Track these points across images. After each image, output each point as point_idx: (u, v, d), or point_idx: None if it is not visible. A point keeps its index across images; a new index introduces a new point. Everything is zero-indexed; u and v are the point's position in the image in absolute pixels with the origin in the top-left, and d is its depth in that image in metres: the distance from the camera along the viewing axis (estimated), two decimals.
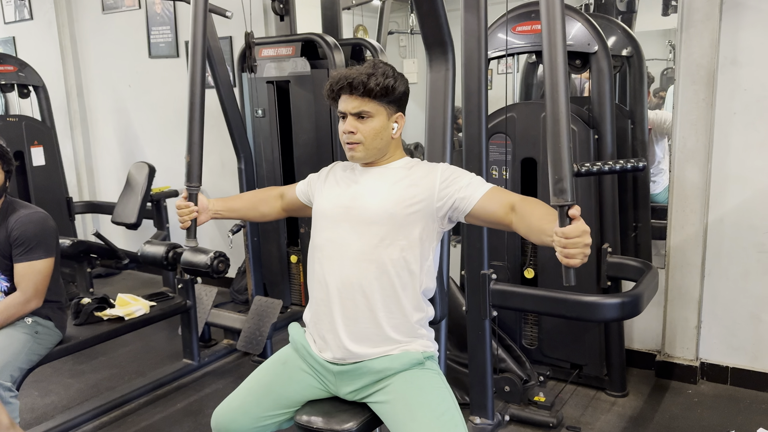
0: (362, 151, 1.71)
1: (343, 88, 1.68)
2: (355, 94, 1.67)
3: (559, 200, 1.35)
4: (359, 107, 1.67)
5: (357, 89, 1.65)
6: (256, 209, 2.01)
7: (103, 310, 2.94)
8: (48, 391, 3.22)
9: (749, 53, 2.81)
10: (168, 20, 4.59)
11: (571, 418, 2.81)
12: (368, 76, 1.65)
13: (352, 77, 1.65)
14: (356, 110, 1.68)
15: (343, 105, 1.70)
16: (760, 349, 3.00)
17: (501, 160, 3.01)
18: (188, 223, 1.86)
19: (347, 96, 1.69)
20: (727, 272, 3.01)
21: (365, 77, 1.65)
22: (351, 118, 1.69)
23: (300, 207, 1.97)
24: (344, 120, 1.71)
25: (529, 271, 3.05)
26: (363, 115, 1.68)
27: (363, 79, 1.64)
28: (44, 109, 4.60)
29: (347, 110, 1.69)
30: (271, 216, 2.03)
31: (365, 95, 1.66)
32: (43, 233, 2.42)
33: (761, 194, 2.87)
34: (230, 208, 1.99)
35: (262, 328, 3.32)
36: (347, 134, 1.70)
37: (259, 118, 3.70)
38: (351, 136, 1.69)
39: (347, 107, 1.69)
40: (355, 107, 1.68)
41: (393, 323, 1.69)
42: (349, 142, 1.71)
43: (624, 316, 2.45)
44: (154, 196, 4.36)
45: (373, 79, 1.65)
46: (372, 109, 1.68)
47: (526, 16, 2.91)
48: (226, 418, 1.76)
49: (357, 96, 1.67)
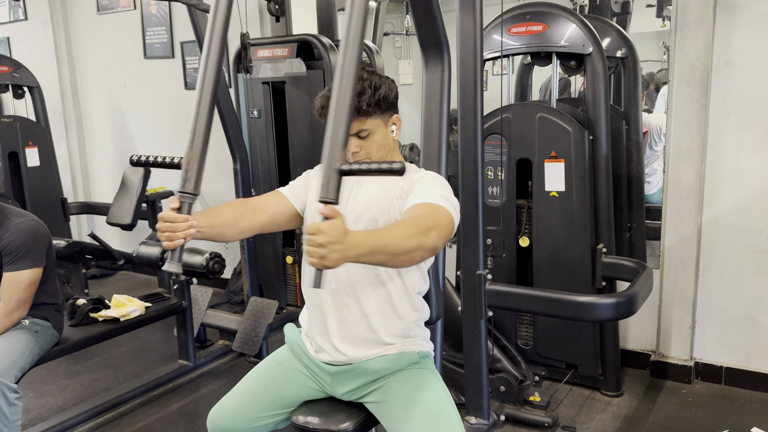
0: None
1: None
2: None
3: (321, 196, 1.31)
4: (358, 128, 1.64)
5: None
6: (236, 225, 1.68)
7: (99, 311, 2.94)
8: (43, 392, 3.21)
9: (743, 55, 2.83)
10: (163, 21, 4.59)
11: (566, 418, 2.82)
12: (358, 97, 1.57)
13: None
14: (356, 131, 1.65)
15: None
16: (754, 349, 3.01)
17: (496, 161, 3.02)
18: (180, 241, 1.44)
19: None
20: (721, 272, 3.03)
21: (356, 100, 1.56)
22: (352, 138, 1.66)
23: (285, 219, 1.77)
24: None
25: (524, 239, 3.05)
26: (362, 134, 1.66)
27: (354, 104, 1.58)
28: (39, 109, 4.60)
29: None
30: (248, 233, 1.73)
31: (361, 116, 1.63)
32: (33, 242, 2.41)
33: (755, 195, 2.89)
34: (212, 224, 1.60)
35: (257, 329, 3.32)
36: (352, 154, 1.67)
37: (255, 118, 3.70)
38: (356, 155, 1.67)
39: None
40: (354, 129, 1.64)
41: (388, 327, 1.69)
42: (356, 160, 1.68)
43: (619, 316, 2.46)
44: (149, 197, 4.36)
45: (364, 99, 1.60)
46: (370, 126, 1.66)
47: (521, 18, 2.92)
48: (222, 418, 1.76)
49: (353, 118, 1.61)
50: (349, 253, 1.28)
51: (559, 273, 2.96)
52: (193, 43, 4.39)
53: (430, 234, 1.43)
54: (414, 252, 1.40)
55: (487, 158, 3.01)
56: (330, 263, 1.26)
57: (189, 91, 4.58)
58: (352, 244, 1.28)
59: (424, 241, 1.41)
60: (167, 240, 1.43)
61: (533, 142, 2.92)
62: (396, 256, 1.38)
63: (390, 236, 1.37)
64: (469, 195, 2.40)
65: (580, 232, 2.87)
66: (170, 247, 1.44)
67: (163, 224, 1.43)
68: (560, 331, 3.04)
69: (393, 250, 1.36)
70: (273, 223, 1.76)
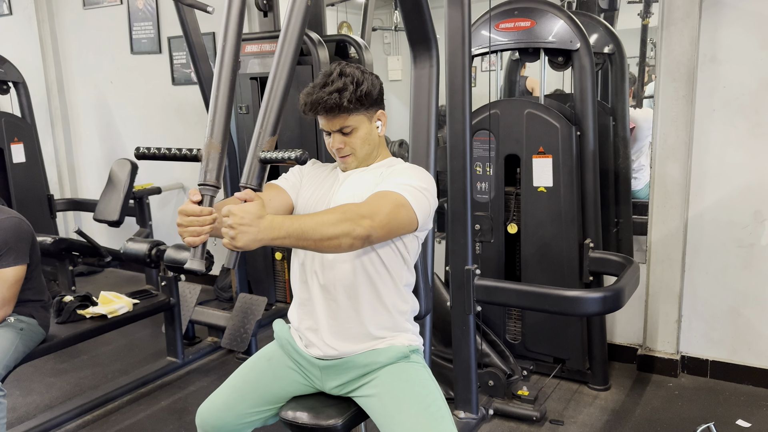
0: (354, 160, 1.71)
1: (318, 112, 1.64)
2: (332, 114, 1.63)
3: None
4: (341, 124, 1.65)
5: (333, 111, 1.62)
6: None
7: (86, 308, 2.92)
8: (30, 390, 3.18)
9: (728, 51, 2.85)
10: (150, 16, 4.56)
11: (554, 412, 2.84)
12: (339, 93, 1.59)
13: (324, 100, 1.59)
14: (338, 128, 1.65)
15: (324, 124, 1.67)
16: (739, 343, 3.05)
17: (485, 157, 3.03)
18: (205, 236, 1.35)
19: (324, 117, 1.65)
20: (706, 267, 3.06)
21: (337, 97, 1.59)
22: (336, 134, 1.67)
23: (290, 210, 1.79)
24: (329, 135, 1.69)
25: (512, 226, 3.07)
26: (345, 131, 1.66)
27: (336, 101, 1.58)
28: (24, 105, 4.55)
29: (330, 129, 1.67)
30: None
31: (343, 112, 1.63)
32: (15, 239, 2.39)
33: (740, 190, 2.92)
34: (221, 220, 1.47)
35: (246, 326, 3.31)
36: (336, 150, 1.69)
37: (243, 114, 3.68)
38: (340, 151, 1.69)
39: (329, 127, 1.66)
40: (336, 125, 1.65)
41: (377, 320, 1.70)
42: (341, 156, 1.70)
43: (606, 310, 2.48)
44: (136, 193, 4.33)
45: (345, 95, 1.59)
46: (354, 122, 1.66)
47: (509, 14, 2.93)
48: (210, 414, 1.76)
49: (335, 115, 1.63)
50: (262, 236, 1.31)
51: (546, 268, 2.98)
52: (180, 39, 4.36)
53: (362, 222, 1.43)
54: (339, 239, 1.40)
55: (475, 154, 3.02)
56: (240, 244, 1.29)
57: (176, 87, 4.55)
58: (266, 227, 1.31)
59: (353, 228, 1.41)
60: (192, 235, 1.33)
61: (521, 138, 2.93)
62: (318, 241, 1.38)
63: (312, 222, 1.38)
64: (458, 191, 2.41)
65: (567, 227, 2.89)
66: (195, 243, 1.34)
67: (186, 218, 1.33)
68: (548, 325, 3.06)
69: (313, 235, 1.37)
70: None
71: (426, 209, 1.60)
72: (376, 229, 1.46)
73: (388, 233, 1.52)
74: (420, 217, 1.58)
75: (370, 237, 1.45)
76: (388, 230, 1.51)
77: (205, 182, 1.39)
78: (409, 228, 1.58)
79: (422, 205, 1.58)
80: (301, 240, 1.37)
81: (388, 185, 1.57)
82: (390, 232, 1.53)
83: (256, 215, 1.30)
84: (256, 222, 1.30)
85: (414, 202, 1.56)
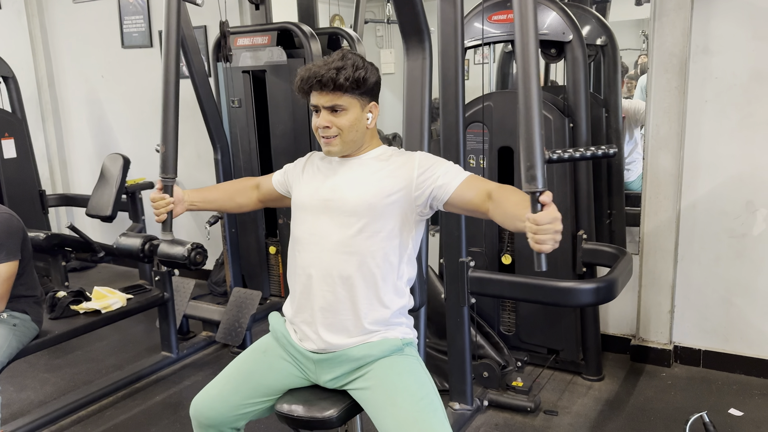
0: (338, 144, 1.70)
1: (313, 86, 1.65)
2: (326, 90, 1.64)
3: (531, 187, 1.37)
4: (332, 101, 1.65)
5: (327, 85, 1.63)
6: (233, 200, 1.97)
7: (80, 304, 2.91)
8: (24, 386, 3.18)
9: (720, 42, 2.86)
10: (141, 10, 4.53)
11: (548, 402, 2.86)
12: (337, 70, 1.61)
13: (321, 74, 1.61)
14: (329, 104, 1.65)
15: (315, 99, 1.68)
16: (731, 332, 3.07)
17: (478, 149, 3.03)
18: (164, 215, 1.81)
19: (318, 92, 1.66)
20: (699, 257, 3.07)
21: (334, 72, 1.61)
22: (324, 112, 1.67)
23: (277, 197, 1.95)
24: (318, 114, 1.69)
25: (506, 257, 3.09)
26: (336, 108, 1.66)
27: (332, 75, 1.61)
28: (14, 100, 4.51)
29: (320, 104, 1.67)
30: (248, 207, 2.00)
31: (337, 89, 1.63)
32: (6, 235, 2.38)
33: (732, 181, 2.94)
34: (206, 199, 1.95)
35: (241, 320, 3.31)
36: (322, 129, 1.69)
37: (235, 108, 3.67)
38: (326, 131, 1.68)
39: (320, 102, 1.67)
40: (327, 101, 1.65)
41: (372, 315, 1.70)
42: (325, 136, 1.70)
43: (599, 301, 2.49)
44: (129, 188, 4.31)
45: (343, 73, 1.61)
46: (345, 103, 1.66)
47: (502, 5, 2.93)
48: (204, 405, 1.76)
49: (328, 91, 1.64)
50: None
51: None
52: None
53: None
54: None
55: (469, 146, 3.03)
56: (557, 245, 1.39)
57: None
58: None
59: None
60: (156, 214, 1.81)
61: (515, 130, 2.93)
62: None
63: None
64: None
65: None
66: (159, 221, 1.81)
67: (152, 203, 1.81)
68: (542, 317, 3.08)
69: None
70: (267, 201, 1.99)
71: None
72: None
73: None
74: None
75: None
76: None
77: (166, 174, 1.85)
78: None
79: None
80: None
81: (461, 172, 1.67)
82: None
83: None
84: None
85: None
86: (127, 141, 4.86)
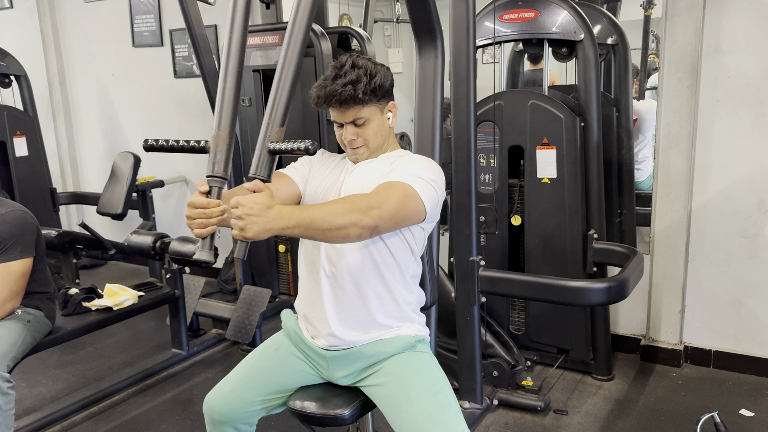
0: (366, 152, 1.71)
1: (331, 105, 1.63)
2: (345, 106, 1.62)
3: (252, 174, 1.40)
4: (354, 116, 1.65)
5: (347, 103, 1.61)
6: None
7: (92, 301, 2.93)
8: (36, 382, 3.20)
9: (732, 41, 2.85)
10: (152, 9, 4.54)
11: (558, 402, 2.85)
12: (353, 85, 1.59)
13: (338, 92, 1.58)
14: (352, 119, 1.65)
15: (337, 116, 1.66)
16: (742, 333, 3.06)
17: (489, 148, 3.03)
18: (213, 228, 1.36)
19: (337, 108, 1.64)
20: (710, 257, 3.06)
21: (351, 90, 1.58)
22: (348, 126, 1.67)
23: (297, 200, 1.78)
24: (341, 127, 1.68)
25: (516, 218, 3.07)
26: (358, 122, 1.66)
27: (350, 92, 1.58)
28: (26, 98, 4.54)
29: (343, 121, 1.66)
30: None
31: (357, 104, 1.62)
32: (20, 232, 2.39)
33: (743, 180, 2.92)
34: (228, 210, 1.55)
35: (250, 318, 3.32)
36: (348, 141, 1.68)
37: (246, 107, 3.68)
38: (353, 143, 1.68)
39: (343, 119, 1.66)
40: (350, 117, 1.65)
41: (384, 309, 1.71)
42: (352, 147, 1.70)
43: (610, 300, 2.49)
44: (139, 186, 4.33)
45: (360, 87, 1.59)
46: (367, 114, 1.66)
47: (513, 4, 2.93)
48: (218, 402, 1.77)
49: (348, 107, 1.63)
50: (271, 226, 1.32)
51: (550, 259, 2.99)
52: (182, 31, 4.35)
53: (370, 212, 1.44)
54: (348, 229, 1.41)
55: (479, 145, 3.02)
56: (249, 234, 1.31)
57: (178, 80, 4.55)
58: (275, 217, 1.32)
59: (361, 218, 1.42)
60: (199, 227, 1.34)
61: (525, 129, 2.93)
62: (326, 231, 1.39)
63: (321, 212, 1.39)
64: (462, 182, 2.41)
65: (571, 218, 2.90)
66: (203, 234, 1.35)
67: (194, 210, 1.34)
68: (552, 316, 3.07)
69: (322, 225, 1.38)
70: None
71: (434, 200, 1.61)
72: (384, 219, 1.47)
73: (396, 224, 1.53)
74: (428, 208, 1.59)
75: (378, 227, 1.46)
76: (396, 221, 1.51)
77: (213, 174, 1.41)
78: (417, 218, 1.58)
79: (430, 195, 1.59)
80: (309, 230, 1.38)
81: (397, 176, 1.58)
82: (398, 222, 1.53)
83: (265, 206, 1.31)
84: (265, 212, 1.31)
85: (422, 192, 1.56)
86: (138, 139, 4.88)
